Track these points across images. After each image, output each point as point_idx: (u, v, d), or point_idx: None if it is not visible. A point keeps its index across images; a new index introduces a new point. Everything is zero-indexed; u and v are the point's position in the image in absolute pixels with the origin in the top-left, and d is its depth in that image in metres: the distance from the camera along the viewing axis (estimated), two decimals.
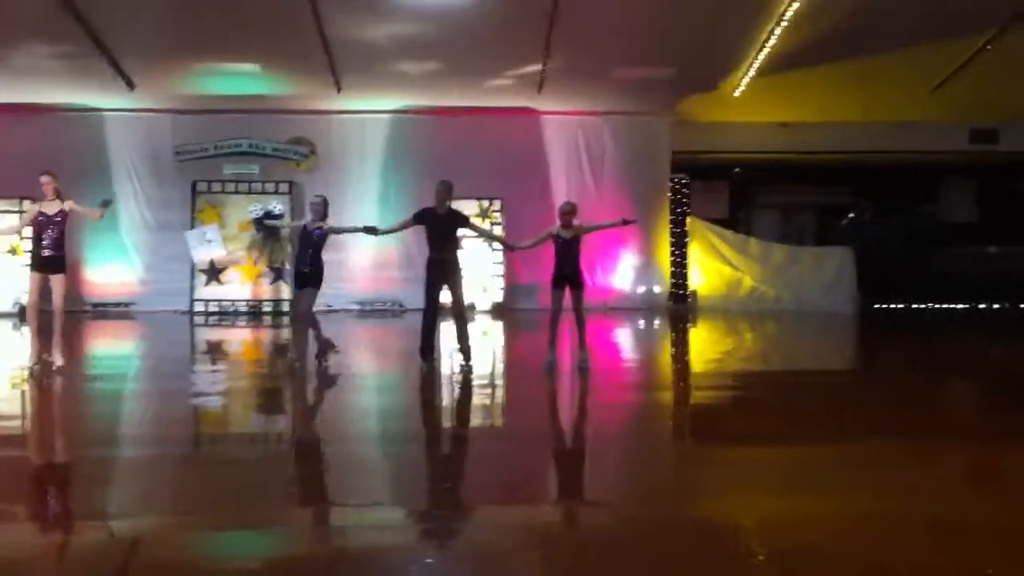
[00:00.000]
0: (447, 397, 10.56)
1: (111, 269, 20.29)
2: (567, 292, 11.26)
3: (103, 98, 19.78)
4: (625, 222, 12.22)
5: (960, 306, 22.47)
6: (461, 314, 11.29)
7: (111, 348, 15.84)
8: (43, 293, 11.17)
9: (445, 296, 11.26)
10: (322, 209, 11.30)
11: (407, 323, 11.57)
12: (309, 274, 11.26)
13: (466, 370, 11.20)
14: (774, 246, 22.86)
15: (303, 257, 11.37)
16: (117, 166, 20.52)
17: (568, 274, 11.25)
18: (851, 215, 25.86)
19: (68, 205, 11.07)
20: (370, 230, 11.68)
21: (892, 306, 22.41)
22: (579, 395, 10.73)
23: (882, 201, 25.55)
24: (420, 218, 11.24)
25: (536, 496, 6.47)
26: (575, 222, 11.36)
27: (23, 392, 10.47)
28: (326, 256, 11.51)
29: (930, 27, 17.21)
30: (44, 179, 11.08)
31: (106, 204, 11.52)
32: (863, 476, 6.69)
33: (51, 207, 10.98)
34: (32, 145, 18.53)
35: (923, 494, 6.30)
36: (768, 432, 8.47)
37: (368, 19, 16.54)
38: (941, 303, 22.51)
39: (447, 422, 9.35)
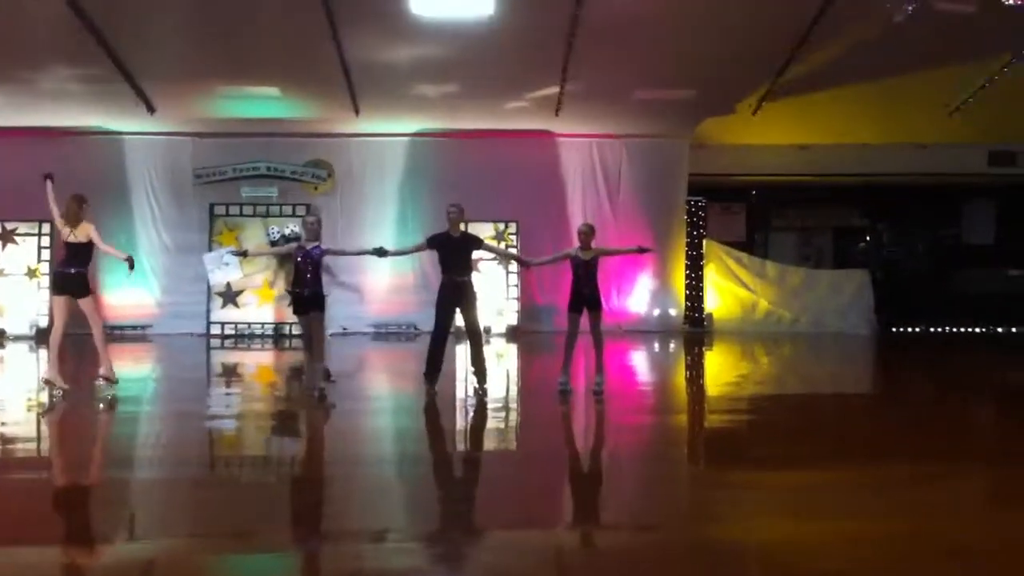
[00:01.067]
0: (462, 420, 10.55)
1: (128, 291, 20.35)
2: (584, 315, 11.25)
3: (124, 121, 19.90)
4: (641, 250, 12.28)
5: (979, 329, 22.31)
6: (476, 337, 11.27)
7: (128, 370, 15.89)
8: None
9: (458, 320, 11.25)
10: (317, 229, 11.05)
11: (422, 346, 11.54)
12: (309, 297, 10.81)
13: (481, 393, 11.18)
14: (791, 269, 22.77)
15: (302, 280, 10.86)
16: (136, 189, 20.61)
17: (586, 296, 11.25)
18: (868, 238, 25.76)
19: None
20: (379, 252, 11.48)
21: (910, 329, 22.27)
22: (594, 418, 10.71)
23: (900, 223, 25.45)
24: (433, 242, 11.23)
25: (551, 520, 6.46)
26: (593, 243, 11.38)
27: (40, 415, 10.51)
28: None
29: (947, 50, 17.18)
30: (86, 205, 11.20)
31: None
32: (881, 500, 6.66)
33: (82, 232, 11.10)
34: (54, 168, 18.55)
35: (941, 517, 6.27)
36: (785, 456, 8.44)
37: (387, 42, 16.62)
38: (960, 326, 22.36)
39: (462, 445, 9.36)
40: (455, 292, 11.05)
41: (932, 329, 22.30)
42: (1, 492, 6.98)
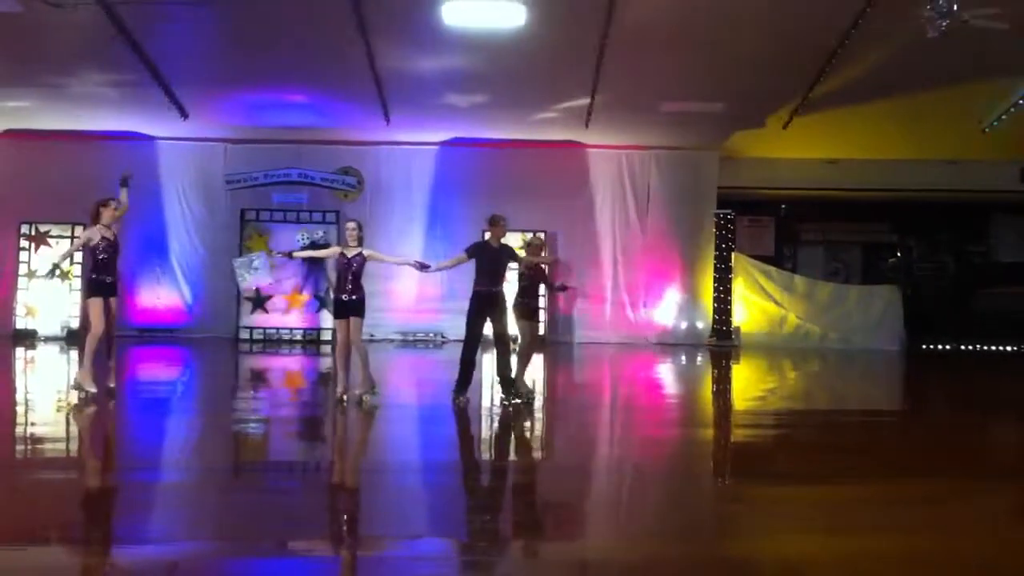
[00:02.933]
0: (487, 429, 10.57)
1: (158, 294, 20.53)
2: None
3: (156, 126, 20.08)
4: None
5: (1009, 348, 22.10)
6: (504, 347, 11.28)
7: (157, 373, 16.02)
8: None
9: (486, 329, 11.26)
10: (359, 235, 11.15)
11: (449, 354, 11.57)
12: (350, 303, 10.95)
13: (506, 403, 11.19)
14: (819, 283, 22.66)
15: (343, 285, 11.01)
16: (168, 193, 20.77)
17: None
18: (898, 253, 25.60)
19: (112, 232, 11.10)
20: (421, 267, 11.52)
21: (939, 346, 22.10)
22: (620, 431, 10.70)
23: (930, 240, 25.28)
24: (472, 251, 11.24)
25: (576, 531, 6.46)
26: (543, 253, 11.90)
27: (69, 416, 10.61)
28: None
29: (980, 66, 17.07)
30: (113, 204, 11.19)
31: (124, 183, 11.23)
32: (907, 516, 6.63)
33: (107, 233, 11.09)
34: (86, 171, 18.85)
35: (968, 535, 6.24)
36: (811, 471, 8.40)
37: (418, 51, 16.68)
38: (989, 344, 22.16)
39: (487, 454, 9.37)
40: (488, 302, 11.06)
41: (961, 347, 22.13)
42: (29, 492, 7.06)
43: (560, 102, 18.82)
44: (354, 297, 10.96)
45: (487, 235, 11.40)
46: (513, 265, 11.99)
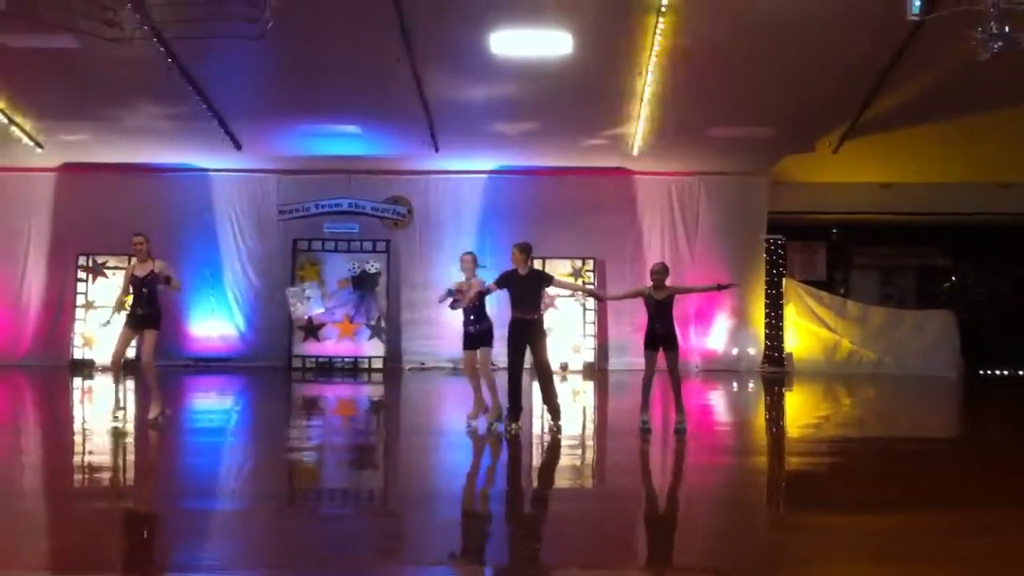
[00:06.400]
0: (538, 457, 10.56)
1: (213, 324, 20.79)
2: (660, 353, 11.23)
3: (211, 158, 20.42)
4: (720, 287, 12.04)
5: None
6: (546, 374, 11.28)
7: (211, 402, 16.19)
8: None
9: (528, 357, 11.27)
10: (472, 266, 11.41)
11: (499, 382, 11.59)
12: (475, 334, 11.38)
13: (555, 430, 11.18)
14: (873, 309, 22.37)
15: (466, 317, 11.39)
16: (222, 224, 21.07)
17: (661, 335, 11.24)
18: (953, 278, 25.25)
19: (159, 267, 11.39)
20: (453, 306, 11.49)
21: (997, 372, 21.73)
22: (671, 458, 10.64)
23: (985, 263, 24.91)
24: (502, 281, 11.28)
25: (626, 560, 6.43)
26: (667, 283, 11.36)
27: (118, 443, 10.76)
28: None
29: None
30: (136, 239, 11.51)
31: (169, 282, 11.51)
32: (965, 545, 6.53)
33: (142, 268, 11.39)
34: (142, 204, 19.26)
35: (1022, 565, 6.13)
36: (866, 499, 8.30)
37: (466, 81, 16.84)
38: None
39: (537, 482, 9.36)
40: (524, 330, 11.10)
41: (1020, 372, 21.73)
42: (86, 521, 7.16)
43: (607, 129, 18.86)
44: (477, 328, 11.36)
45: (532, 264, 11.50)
46: (560, 291, 11.99)
